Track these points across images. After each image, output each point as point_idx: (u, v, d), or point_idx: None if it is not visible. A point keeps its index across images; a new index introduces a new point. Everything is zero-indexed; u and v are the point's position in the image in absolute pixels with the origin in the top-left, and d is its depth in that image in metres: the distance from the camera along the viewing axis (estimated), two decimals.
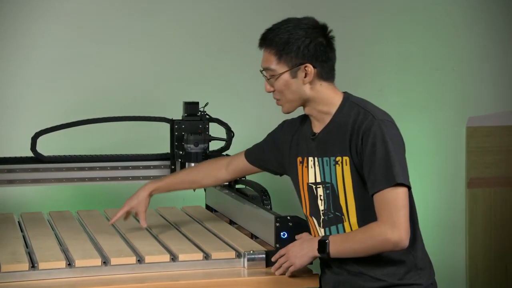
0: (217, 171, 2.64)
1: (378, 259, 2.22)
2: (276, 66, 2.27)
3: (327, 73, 2.29)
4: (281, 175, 2.58)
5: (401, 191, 2.14)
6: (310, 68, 2.25)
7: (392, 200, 2.13)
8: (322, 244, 2.21)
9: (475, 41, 3.96)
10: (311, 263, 2.27)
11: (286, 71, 2.26)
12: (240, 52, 3.66)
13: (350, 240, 2.19)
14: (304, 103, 2.30)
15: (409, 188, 2.17)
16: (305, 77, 2.26)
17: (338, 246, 2.19)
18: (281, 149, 2.47)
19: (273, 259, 2.34)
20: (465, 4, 3.94)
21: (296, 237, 2.35)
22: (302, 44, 2.24)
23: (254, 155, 2.58)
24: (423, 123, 3.91)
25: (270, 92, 2.32)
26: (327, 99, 2.29)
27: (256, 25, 3.64)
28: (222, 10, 3.65)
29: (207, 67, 3.64)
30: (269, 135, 2.56)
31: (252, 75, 3.68)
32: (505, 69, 4.01)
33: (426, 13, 3.90)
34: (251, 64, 3.66)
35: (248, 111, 3.68)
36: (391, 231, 2.12)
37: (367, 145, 2.18)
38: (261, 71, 2.33)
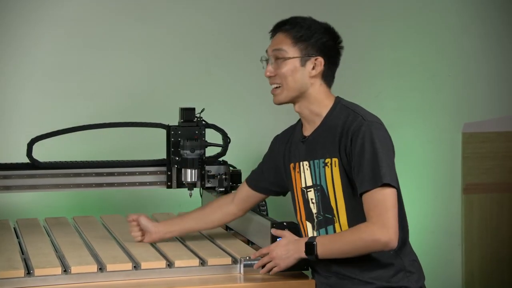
0: (224, 204, 2.62)
1: (367, 262, 2.23)
2: (290, 49, 2.29)
3: (330, 76, 2.33)
4: (284, 194, 2.57)
5: (389, 192, 2.15)
6: (321, 62, 2.28)
7: (380, 200, 2.14)
8: (310, 246, 2.21)
9: (471, 47, 3.97)
10: (296, 264, 2.26)
11: (298, 56, 2.27)
12: (236, 58, 3.67)
13: (338, 242, 2.20)
14: (299, 98, 2.31)
15: (397, 189, 2.18)
16: (312, 69, 2.28)
17: (326, 248, 2.20)
18: (277, 162, 2.48)
19: (252, 256, 2.33)
20: (461, 10, 3.95)
21: (275, 232, 2.34)
22: (321, 38, 2.28)
23: (255, 179, 2.58)
24: (419, 128, 3.91)
25: (270, 76, 2.32)
26: (320, 100, 2.32)
27: (251, 32, 3.68)
28: (218, 17, 3.66)
29: (203, 73, 3.64)
30: (265, 154, 2.58)
31: (248, 81, 3.70)
32: (501, 75, 4.02)
33: (422, 20, 3.91)
34: (247, 70, 3.68)
35: (244, 117, 3.68)
36: (380, 231, 2.13)
37: (356, 145, 2.20)
38: (262, 59, 2.34)
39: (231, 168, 3.09)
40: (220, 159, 3.11)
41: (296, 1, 3.62)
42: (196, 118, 3.02)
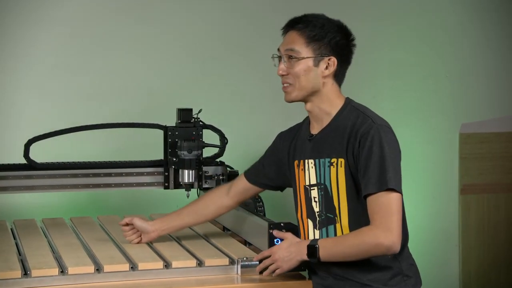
0: (218, 197, 2.61)
1: (365, 264, 2.23)
2: (303, 48, 2.28)
3: (341, 75, 2.34)
4: (282, 190, 2.57)
5: (395, 196, 2.15)
6: (334, 62, 2.28)
7: (385, 204, 2.14)
8: (312, 249, 2.20)
9: (468, 48, 3.97)
10: (298, 266, 2.26)
11: (311, 56, 2.27)
12: (234, 60, 3.67)
13: (341, 245, 2.20)
14: (310, 97, 2.31)
15: (401, 195, 2.18)
16: (325, 68, 2.28)
17: (328, 251, 2.19)
18: (281, 158, 2.48)
19: (255, 258, 2.34)
20: (458, 11, 3.96)
21: (277, 234, 2.34)
22: (334, 37, 2.28)
23: (254, 173, 2.57)
24: (417, 129, 3.92)
25: (282, 75, 2.31)
26: (332, 99, 2.32)
27: (248, 33, 3.68)
28: (216, 18, 3.66)
29: (201, 74, 3.64)
30: (267, 149, 2.57)
31: (245, 82, 3.70)
32: (499, 76, 4.02)
33: (420, 20, 3.91)
34: (245, 71, 3.68)
35: (241, 118, 3.68)
36: (384, 235, 2.13)
37: (364, 148, 2.19)
38: (273, 56, 2.33)
39: (228, 169, 3.09)
40: (218, 159, 3.11)
41: (296, 1, 3.62)
42: (193, 119, 3.02)
